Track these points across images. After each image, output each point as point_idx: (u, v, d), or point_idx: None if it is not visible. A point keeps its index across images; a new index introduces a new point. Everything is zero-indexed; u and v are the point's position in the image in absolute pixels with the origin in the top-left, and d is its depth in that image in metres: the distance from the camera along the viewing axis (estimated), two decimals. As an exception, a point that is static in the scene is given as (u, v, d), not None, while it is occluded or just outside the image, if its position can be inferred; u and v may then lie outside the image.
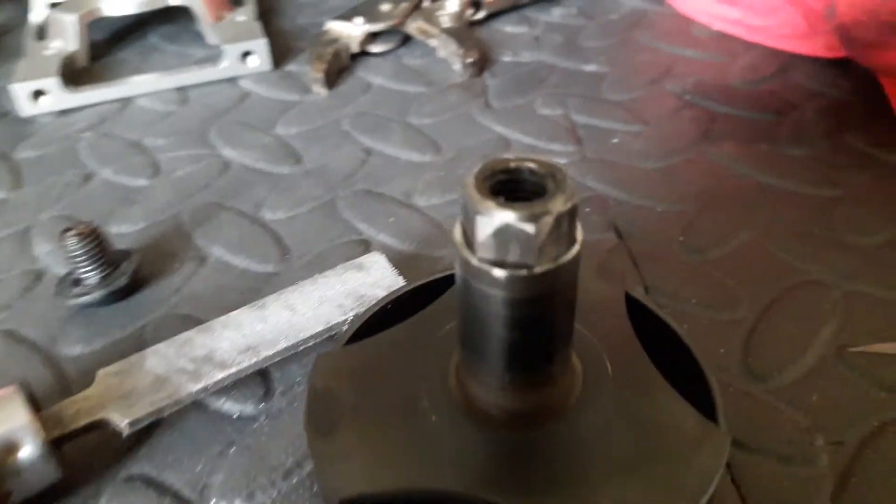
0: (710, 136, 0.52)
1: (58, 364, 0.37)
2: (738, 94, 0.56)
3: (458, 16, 0.63)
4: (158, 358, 0.33)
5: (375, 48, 0.62)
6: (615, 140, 0.52)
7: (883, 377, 0.35)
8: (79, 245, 0.37)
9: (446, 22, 0.62)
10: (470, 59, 0.58)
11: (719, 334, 0.38)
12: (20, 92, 0.54)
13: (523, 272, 0.22)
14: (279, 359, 0.34)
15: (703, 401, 0.28)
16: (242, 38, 0.59)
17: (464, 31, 0.61)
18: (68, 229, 0.38)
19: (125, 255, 0.40)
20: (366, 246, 0.43)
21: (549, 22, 0.67)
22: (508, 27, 0.66)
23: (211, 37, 0.63)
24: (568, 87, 0.57)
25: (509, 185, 0.23)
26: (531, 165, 0.23)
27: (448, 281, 0.33)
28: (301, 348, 0.35)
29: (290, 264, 0.42)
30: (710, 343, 0.37)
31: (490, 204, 0.21)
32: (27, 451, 0.28)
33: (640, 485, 0.25)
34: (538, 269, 0.22)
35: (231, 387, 0.35)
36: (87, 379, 0.33)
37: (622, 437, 0.26)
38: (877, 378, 0.35)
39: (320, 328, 0.35)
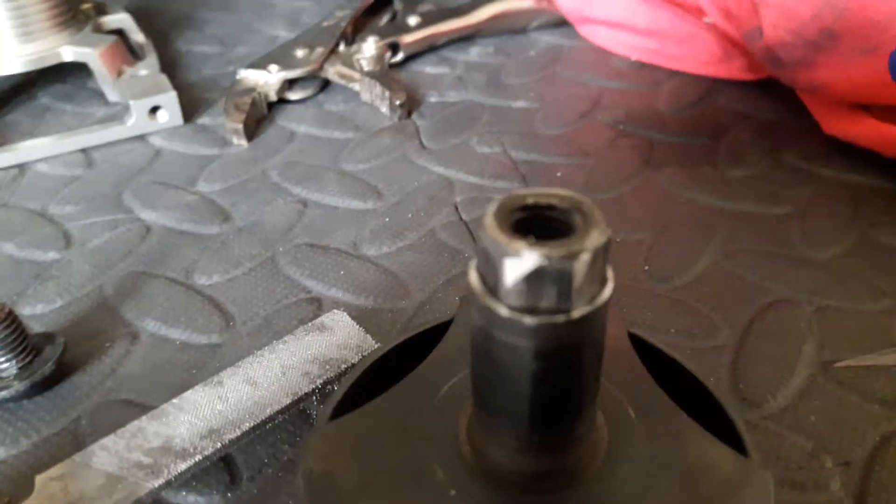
0: (652, 163, 0.51)
1: (-24, 475, 0.31)
2: (670, 121, 0.56)
3: (377, 59, 0.61)
4: (107, 454, 0.28)
5: (294, 95, 0.59)
6: (559, 174, 0.50)
7: (874, 390, 0.35)
8: (-9, 333, 0.32)
9: (365, 66, 0.60)
10: (399, 101, 0.56)
11: (705, 363, 0.36)
12: None
13: (560, 318, 0.19)
14: (245, 441, 0.30)
15: (721, 438, 0.26)
16: (149, 92, 0.54)
17: (386, 74, 0.59)
18: (-24, 315, 0.32)
19: (47, 338, 0.35)
20: (318, 304, 0.40)
21: (469, 61, 0.66)
22: (428, 68, 0.64)
23: (112, 94, 0.58)
24: (501, 124, 0.56)
25: (531, 224, 0.20)
26: (552, 200, 0.20)
27: (427, 336, 0.30)
28: (268, 426, 0.31)
29: (236, 332, 0.38)
30: (699, 373, 0.35)
31: (520, 245, 0.19)
32: (-44, 592, 0.23)
33: None
34: (576, 314, 0.19)
35: (190, 477, 0.30)
36: (18, 488, 0.27)
37: (660, 491, 0.24)
38: (868, 392, 0.35)
39: (287, 401, 0.31)
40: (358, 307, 0.39)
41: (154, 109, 0.54)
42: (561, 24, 0.70)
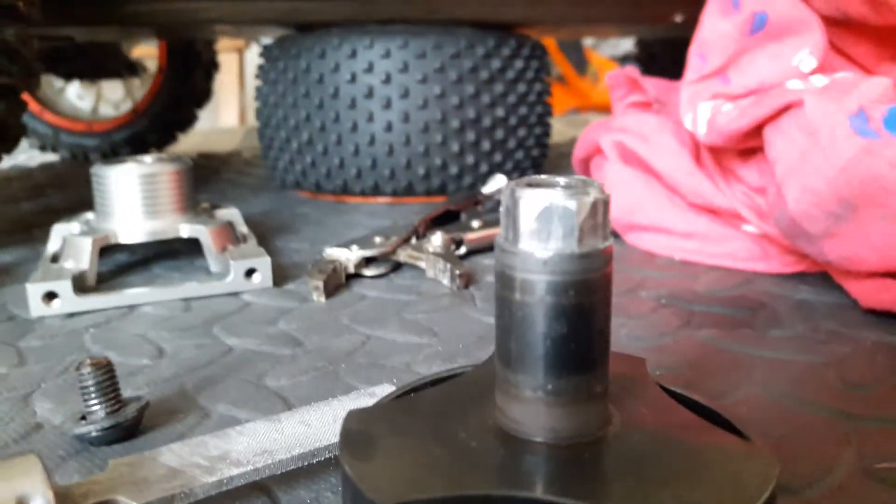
0: (692, 324, 0.55)
1: (53, 489, 0.34)
2: (710, 298, 0.60)
3: (443, 247, 0.69)
4: (172, 454, 0.31)
5: (369, 272, 0.67)
6: (602, 328, 0.54)
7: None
8: (91, 376, 0.37)
9: (432, 251, 0.68)
10: (459, 272, 0.63)
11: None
12: (33, 292, 0.56)
13: (567, 251, 0.24)
14: (293, 466, 0.33)
15: None
16: (247, 257, 0.63)
17: (450, 256, 0.67)
18: (83, 362, 0.38)
19: (133, 399, 0.40)
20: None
21: (526, 258, 0.73)
22: (486, 261, 0.72)
23: (214, 265, 0.68)
24: (551, 294, 0.61)
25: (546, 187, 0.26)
26: (564, 178, 0.26)
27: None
28: (315, 461, 0.34)
29: (296, 419, 0.42)
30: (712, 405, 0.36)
31: (535, 189, 0.24)
32: (34, 511, 0.26)
33: (697, 488, 0.24)
34: (579, 250, 0.24)
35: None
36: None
37: (670, 454, 0.26)
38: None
39: (335, 440, 0.34)
40: (407, 407, 0.43)
41: (249, 273, 0.63)
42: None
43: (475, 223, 0.76)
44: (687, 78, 0.72)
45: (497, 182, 0.98)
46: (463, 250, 0.73)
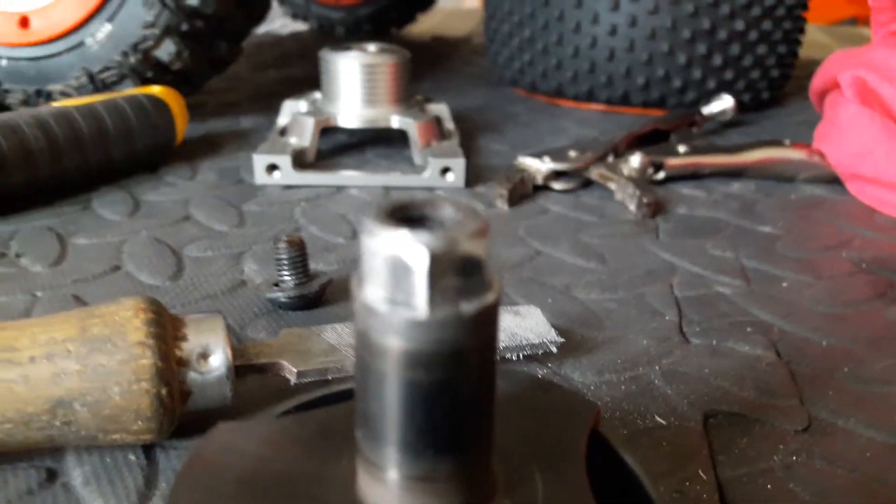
0: (888, 297, 0.51)
1: (242, 341, 0.41)
2: (918, 269, 0.55)
3: (639, 170, 0.68)
4: (334, 332, 0.36)
5: (558, 185, 0.68)
6: (785, 284, 0.52)
7: None
8: (285, 251, 0.43)
9: (626, 172, 0.68)
10: (647, 200, 0.62)
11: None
12: (258, 163, 0.64)
13: (416, 314, 0.18)
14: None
15: None
16: (445, 156, 0.67)
17: (643, 181, 0.66)
18: (280, 238, 0.44)
19: (321, 274, 0.45)
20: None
21: (728, 192, 0.70)
22: (686, 190, 0.70)
23: (417, 158, 0.72)
24: (741, 239, 0.59)
25: (415, 222, 0.19)
26: (441, 204, 0.19)
27: None
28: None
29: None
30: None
31: (381, 226, 0.18)
32: (215, 362, 0.32)
33: None
34: (434, 315, 0.18)
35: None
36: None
37: None
38: None
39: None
40: (555, 325, 0.44)
41: (445, 171, 0.67)
42: (831, 180, 0.72)
43: (682, 147, 0.73)
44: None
45: (722, 103, 0.93)
46: (661, 175, 0.71)
